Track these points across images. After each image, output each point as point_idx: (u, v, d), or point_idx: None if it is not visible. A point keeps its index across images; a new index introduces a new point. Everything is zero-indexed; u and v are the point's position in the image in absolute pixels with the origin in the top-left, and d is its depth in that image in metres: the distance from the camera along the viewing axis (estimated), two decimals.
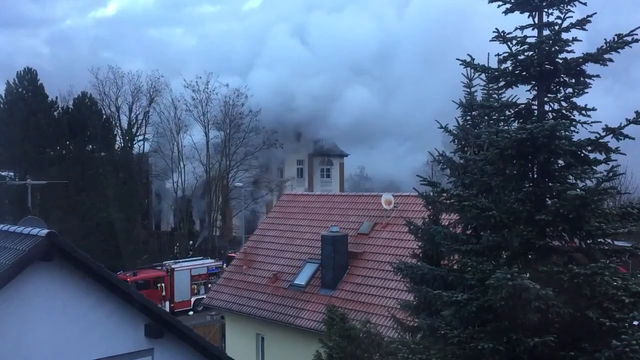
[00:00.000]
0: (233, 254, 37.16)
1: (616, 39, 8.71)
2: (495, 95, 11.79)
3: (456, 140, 12.69)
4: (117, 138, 54.77)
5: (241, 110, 52.60)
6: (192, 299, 40.37)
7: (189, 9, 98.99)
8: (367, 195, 25.89)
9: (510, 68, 9.45)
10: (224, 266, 38.49)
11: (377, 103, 62.06)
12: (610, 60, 8.77)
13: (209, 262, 43.34)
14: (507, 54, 9.29)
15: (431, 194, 12.93)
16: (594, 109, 8.97)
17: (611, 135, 8.67)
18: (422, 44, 59.37)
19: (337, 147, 66.52)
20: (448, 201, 10.20)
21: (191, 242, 53.12)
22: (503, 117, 10.10)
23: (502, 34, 9.18)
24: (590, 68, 9.02)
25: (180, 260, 43.97)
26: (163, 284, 38.75)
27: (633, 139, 8.49)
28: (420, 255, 12.96)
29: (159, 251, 50.92)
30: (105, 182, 46.17)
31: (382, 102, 62.58)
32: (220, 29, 76.08)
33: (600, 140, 8.75)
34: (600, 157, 8.89)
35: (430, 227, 12.08)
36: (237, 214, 54.08)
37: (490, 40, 9.22)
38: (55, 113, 49.00)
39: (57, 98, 49.95)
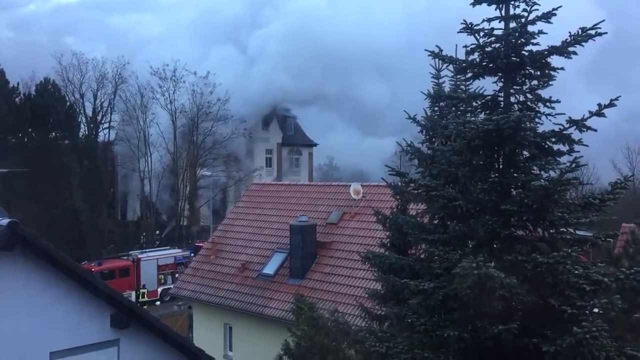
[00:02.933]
0: (201, 244, 36.91)
1: (580, 33, 8.87)
2: (462, 87, 11.94)
3: (424, 131, 12.82)
4: (82, 125, 53.71)
5: (209, 98, 52.07)
6: (159, 289, 40.03)
7: None
8: (336, 185, 25.96)
9: (477, 60, 9.56)
10: (192, 256, 38.22)
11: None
12: (575, 53, 8.93)
13: (177, 251, 42.99)
14: (474, 46, 9.38)
15: (399, 184, 13.07)
16: (557, 101, 9.15)
17: (574, 127, 8.85)
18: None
19: (306, 137, 66.51)
20: (416, 191, 10.30)
21: (158, 231, 52.56)
22: (470, 108, 10.22)
23: (469, 25, 9.26)
24: (555, 61, 9.17)
25: (147, 250, 43.49)
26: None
27: (595, 130, 8.69)
28: (388, 244, 13.08)
29: (125, 241, 50.24)
30: (69, 171, 45.26)
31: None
32: (187, 17, 74.76)
33: (564, 132, 8.93)
34: (564, 148, 9.07)
35: (398, 217, 12.20)
36: (204, 203, 53.68)
37: (458, 32, 9.30)
38: (17, 99, 47.71)
39: (18, 84, 48.62)
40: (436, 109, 12.91)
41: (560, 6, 8.89)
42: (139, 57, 55.03)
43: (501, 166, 9.43)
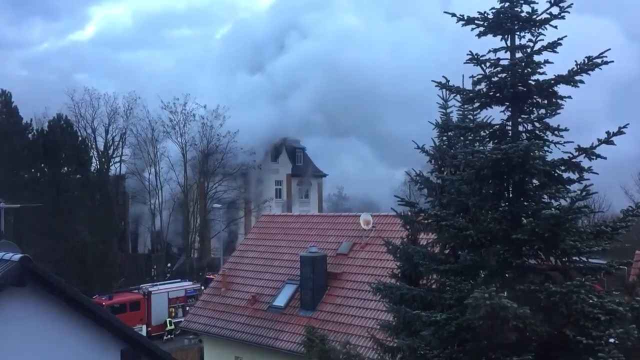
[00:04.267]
0: (211, 276, 36.77)
1: (586, 61, 8.93)
2: (470, 116, 11.97)
3: (433, 161, 12.83)
4: (94, 160, 54.25)
5: (219, 131, 52.50)
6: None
7: (167, 31, 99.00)
8: (346, 216, 25.94)
9: (484, 90, 9.61)
10: (202, 289, 38.06)
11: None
12: (582, 82, 8.97)
13: (187, 284, 42.83)
14: (481, 76, 9.45)
15: (409, 213, 13.03)
16: (566, 129, 9.15)
17: (584, 155, 8.83)
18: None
19: (316, 167, 66.70)
20: (426, 221, 10.26)
21: (169, 264, 52.51)
22: (478, 138, 10.24)
23: (475, 56, 9.35)
24: (562, 89, 9.21)
25: (158, 283, 43.38)
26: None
27: (605, 158, 8.66)
28: (399, 275, 12.97)
29: (136, 274, 50.19)
30: (81, 205, 45.54)
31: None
32: (197, 52, 76.07)
33: (573, 160, 8.92)
34: (574, 176, 9.04)
35: (409, 246, 12.12)
36: (215, 235, 53.66)
37: (464, 63, 9.38)
38: (30, 135, 48.34)
39: (31, 120, 49.39)
40: (444, 138, 12.95)
41: (565, 36, 8.96)
42: (150, 92, 55.86)
43: (511, 195, 9.40)
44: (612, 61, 8.66)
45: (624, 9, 59.87)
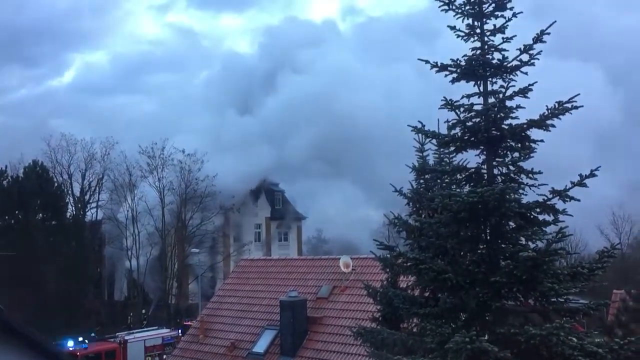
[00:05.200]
0: (189, 323, 36.03)
1: (557, 106, 9.19)
2: (446, 159, 12.17)
3: (411, 203, 12.96)
4: (69, 206, 53.51)
5: (197, 175, 52.35)
6: None
7: (146, 77, 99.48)
8: (326, 259, 25.79)
9: (459, 134, 9.81)
10: (180, 336, 37.24)
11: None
12: (553, 125, 9.21)
13: (164, 331, 41.86)
14: (455, 121, 9.66)
15: (388, 256, 13.04)
16: (540, 172, 9.34)
17: (558, 197, 9.00)
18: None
19: (295, 210, 66.58)
20: (405, 264, 10.28)
21: (143, 310, 51.45)
22: (455, 181, 10.38)
23: (450, 101, 9.57)
24: (534, 133, 9.44)
25: (134, 330, 42.37)
26: None
27: (578, 200, 8.83)
28: (380, 318, 12.90)
29: (112, 322, 48.99)
30: (56, 252, 44.69)
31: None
32: (177, 96, 76.34)
33: (548, 203, 9.07)
34: (549, 218, 9.18)
35: (389, 290, 12.10)
36: (193, 280, 52.90)
37: (439, 108, 9.59)
38: (5, 182, 47.65)
39: (6, 167, 48.74)
40: (422, 181, 13.11)
41: (536, 82, 9.25)
42: (128, 136, 55.70)
43: (489, 237, 9.50)
44: (582, 106, 8.94)
45: (609, 56, 61.82)
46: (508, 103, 9.47)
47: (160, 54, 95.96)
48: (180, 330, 40.91)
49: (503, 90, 9.51)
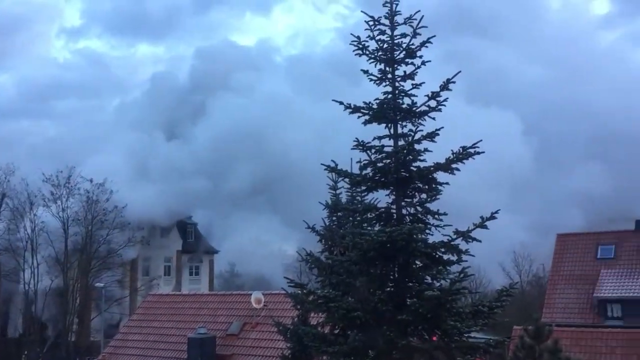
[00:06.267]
0: None
1: (461, 151, 9.69)
2: (358, 198, 12.45)
3: (323, 240, 13.09)
4: None
5: (105, 206, 50.34)
6: None
7: (54, 102, 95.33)
8: (237, 294, 25.40)
9: (370, 174, 10.09)
10: None
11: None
12: (457, 169, 9.68)
13: None
14: (367, 162, 9.94)
15: (300, 293, 13.05)
16: (445, 214, 9.75)
17: (461, 238, 9.40)
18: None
19: (208, 244, 65.29)
20: (316, 302, 10.33)
21: (38, 349, 48.26)
22: (366, 219, 10.63)
23: (361, 143, 9.85)
24: (440, 176, 9.87)
25: None
26: None
27: (480, 241, 9.27)
28: (290, 356, 12.83)
29: None
30: None
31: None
32: (89, 122, 73.46)
33: (452, 243, 9.46)
34: (454, 258, 9.56)
35: (299, 327, 12.08)
36: (96, 316, 50.34)
37: (351, 149, 9.85)
38: None
39: None
40: (334, 219, 13.30)
41: (442, 127, 9.72)
42: (31, 164, 52.86)
43: (397, 276, 9.74)
44: (484, 152, 9.45)
45: (523, 104, 65.30)
46: (417, 146, 9.88)
47: (71, 79, 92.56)
48: None
49: (412, 133, 9.91)
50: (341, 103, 10.09)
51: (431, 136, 9.82)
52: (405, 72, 10.17)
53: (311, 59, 78.72)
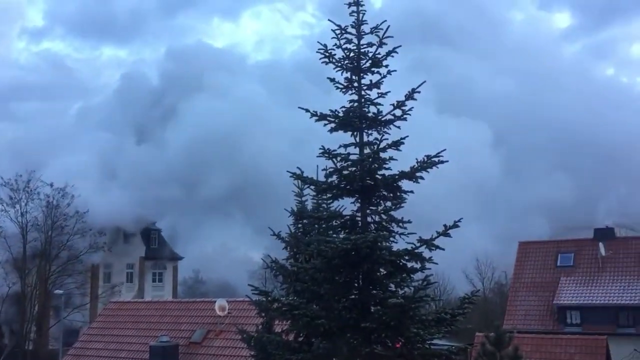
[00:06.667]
0: None
1: (426, 160, 9.79)
2: (324, 205, 12.46)
3: (288, 247, 13.05)
4: None
5: (66, 211, 49.23)
6: None
7: (14, 104, 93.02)
8: (201, 301, 25.10)
9: (336, 182, 10.11)
10: None
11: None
12: (422, 178, 9.78)
13: None
14: (332, 169, 9.96)
15: (264, 301, 12.97)
16: (409, 222, 9.82)
17: (425, 246, 9.49)
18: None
19: (172, 250, 64.41)
20: (280, 309, 10.27)
21: None
22: (331, 227, 10.64)
23: (327, 150, 9.87)
24: (405, 185, 9.95)
25: None
26: None
27: (443, 249, 9.37)
28: None
29: None
30: None
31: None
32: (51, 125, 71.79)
33: (416, 251, 9.53)
34: (417, 265, 9.64)
35: (263, 335, 12.01)
36: (55, 324, 49.13)
37: (317, 156, 9.86)
38: None
39: None
40: (300, 226, 13.28)
41: (407, 136, 9.81)
42: None
43: (361, 283, 9.77)
44: (447, 161, 9.58)
45: (493, 114, 66.28)
46: (382, 154, 9.94)
47: (32, 81, 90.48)
48: None
49: (378, 142, 9.98)
50: (307, 110, 10.11)
51: (396, 145, 9.90)
52: (371, 80, 10.25)
53: (280, 64, 78.74)
